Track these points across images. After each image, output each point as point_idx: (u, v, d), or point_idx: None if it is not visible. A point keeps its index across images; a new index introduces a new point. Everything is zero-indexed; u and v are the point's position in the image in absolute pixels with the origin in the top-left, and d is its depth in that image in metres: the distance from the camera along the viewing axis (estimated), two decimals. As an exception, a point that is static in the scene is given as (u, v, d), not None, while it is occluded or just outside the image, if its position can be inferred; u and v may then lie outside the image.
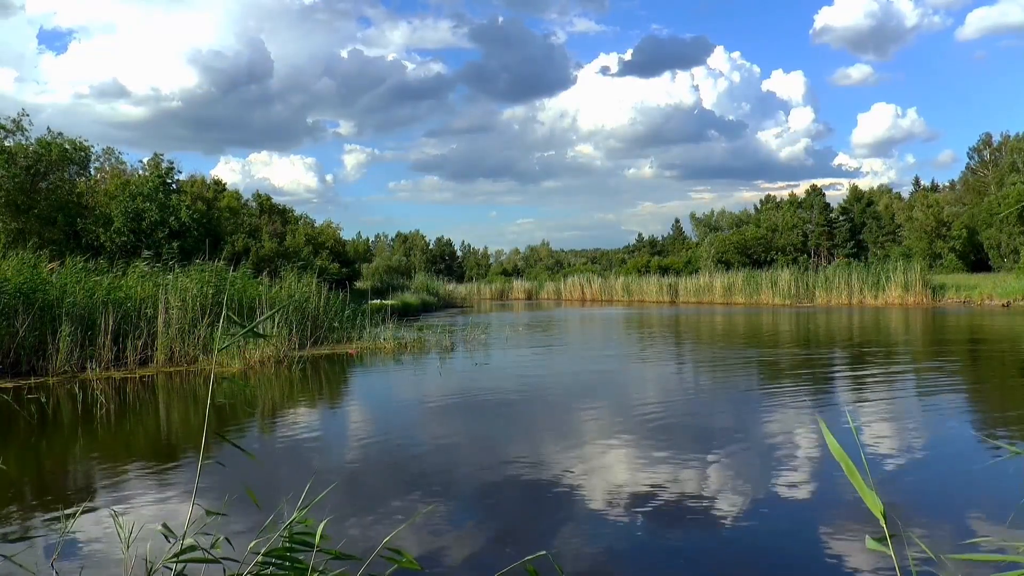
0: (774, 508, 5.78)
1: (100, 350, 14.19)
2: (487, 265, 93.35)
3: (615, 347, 20.42)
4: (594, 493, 6.20)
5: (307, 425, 9.67)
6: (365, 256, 62.15)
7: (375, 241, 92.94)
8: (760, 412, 9.83)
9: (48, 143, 23.90)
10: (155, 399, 11.85)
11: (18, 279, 14.07)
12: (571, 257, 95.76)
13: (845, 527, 5.32)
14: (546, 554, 2.42)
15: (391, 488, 6.57)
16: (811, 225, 63.51)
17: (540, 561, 2.32)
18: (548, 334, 25.14)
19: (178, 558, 2.03)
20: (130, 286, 16.08)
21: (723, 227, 72.91)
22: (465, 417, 10.09)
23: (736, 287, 44.53)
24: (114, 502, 6.06)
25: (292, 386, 13.09)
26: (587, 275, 61.01)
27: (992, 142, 57.24)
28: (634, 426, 8.95)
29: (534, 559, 2.23)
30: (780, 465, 6.94)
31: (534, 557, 2.26)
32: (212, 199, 31.80)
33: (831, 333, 22.79)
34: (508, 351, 18.50)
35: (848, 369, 14.26)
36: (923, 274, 37.76)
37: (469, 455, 7.95)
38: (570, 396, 11.61)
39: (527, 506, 6.02)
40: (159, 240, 24.72)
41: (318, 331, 18.91)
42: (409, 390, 12.84)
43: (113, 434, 9.24)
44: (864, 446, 7.80)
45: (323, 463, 7.48)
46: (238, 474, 6.22)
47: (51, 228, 23.66)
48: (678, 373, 14.54)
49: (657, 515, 5.65)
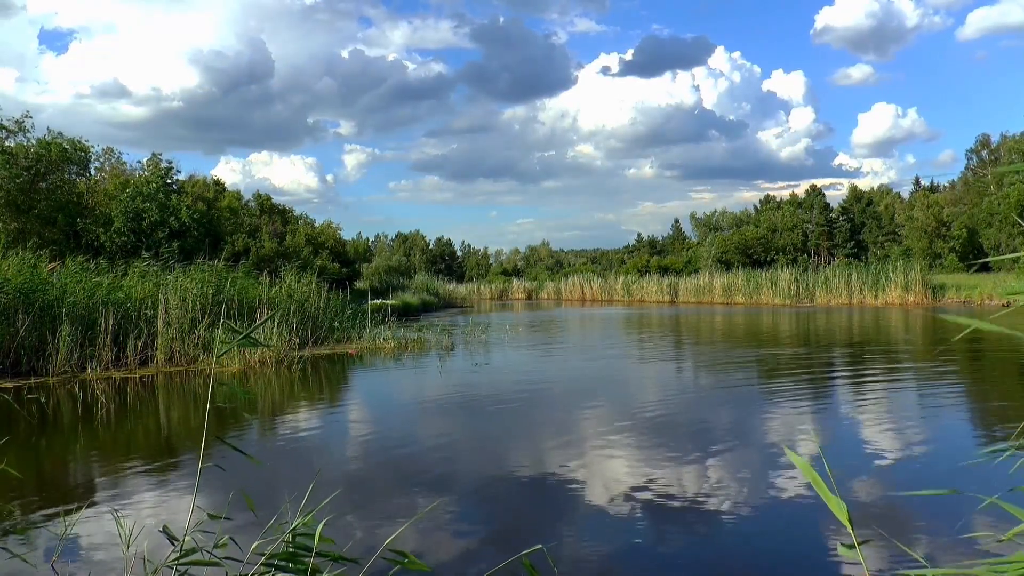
0: (772, 507, 5.78)
1: (100, 350, 14.18)
2: (487, 265, 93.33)
3: (615, 347, 20.42)
4: (595, 492, 6.20)
5: (307, 425, 9.67)
6: (365, 256, 62.16)
7: (375, 241, 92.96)
8: (759, 412, 9.83)
9: (48, 143, 23.91)
10: (155, 399, 11.85)
11: (18, 279, 14.08)
12: (571, 257, 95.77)
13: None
14: (542, 547, 2.42)
15: (392, 488, 6.57)
16: (811, 225, 63.52)
17: (535, 555, 2.32)
18: (548, 334, 25.14)
19: (178, 561, 2.02)
20: (130, 286, 16.08)
21: (723, 227, 72.91)
22: (466, 417, 10.09)
23: (736, 287, 44.53)
24: (114, 502, 6.06)
25: (292, 386, 13.08)
26: (587, 275, 61.00)
27: (990, 143, 57.27)
28: (634, 425, 8.95)
29: (530, 553, 2.23)
30: (778, 465, 6.93)
31: (530, 551, 2.26)
32: (212, 199, 31.80)
33: (831, 333, 22.78)
34: (508, 351, 18.50)
35: (847, 369, 14.26)
36: (923, 274, 37.78)
37: (470, 455, 7.95)
38: (570, 395, 11.61)
39: (528, 505, 6.02)
40: (159, 240, 24.72)
41: (318, 331, 18.91)
42: (409, 390, 12.83)
43: (113, 434, 9.24)
44: (864, 444, 7.80)
45: (324, 463, 7.47)
46: (239, 474, 6.21)
47: (51, 228, 23.66)
48: (677, 372, 14.54)
49: (658, 514, 5.65)
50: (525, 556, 2.22)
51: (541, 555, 2.45)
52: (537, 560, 2.31)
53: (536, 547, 2.36)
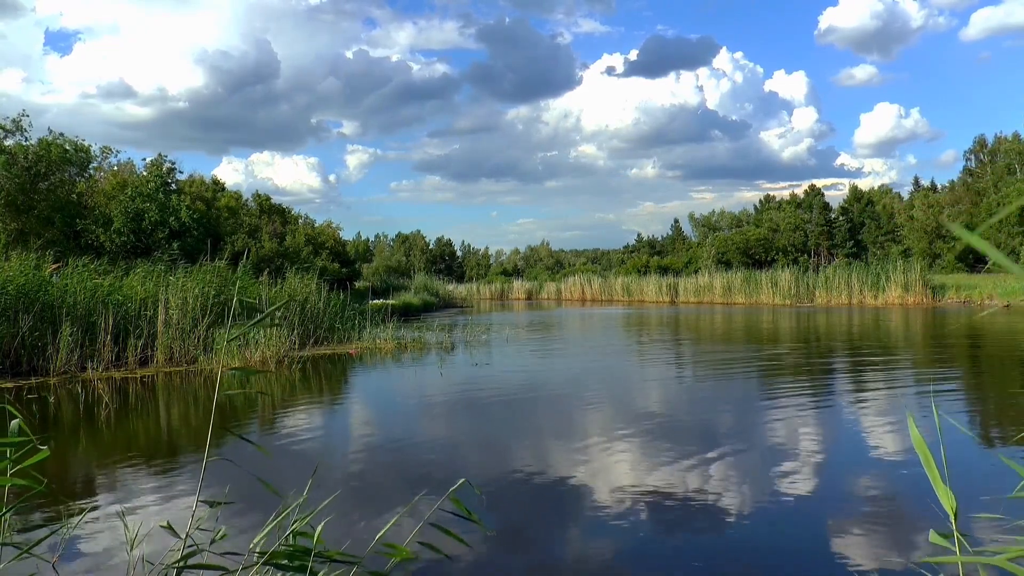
0: (778, 507, 5.78)
1: (100, 350, 14.19)
2: (487, 265, 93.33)
3: (616, 346, 20.42)
4: (596, 491, 6.21)
5: (308, 425, 9.67)
6: (365, 256, 62.17)
7: (375, 241, 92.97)
8: (762, 411, 9.83)
9: (49, 143, 23.90)
10: (155, 399, 11.85)
11: (20, 279, 14.09)
12: (571, 257, 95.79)
13: (849, 526, 5.33)
14: (465, 480, 2.56)
15: (393, 487, 6.57)
16: (811, 225, 63.52)
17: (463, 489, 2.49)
18: (548, 334, 25.14)
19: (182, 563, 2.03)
20: (131, 286, 16.09)
21: (722, 227, 72.91)
22: (466, 416, 10.09)
23: (736, 287, 44.52)
24: (116, 502, 6.06)
25: (293, 386, 13.09)
26: (587, 275, 60.99)
27: (987, 143, 57.23)
28: (635, 425, 8.95)
29: (457, 488, 2.40)
30: (783, 464, 6.94)
31: (456, 486, 2.43)
32: (211, 199, 31.79)
33: (831, 333, 22.78)
34: (508, 351, 18.50)
35: (848, 368, 14.26)
36: (923, 274, 37.76)
37: (470, 454, 7.96)
38: (571, 395, 11.61)
39: (529, 505, 6.02)
40: (159, 240, 24.72)
41: (318, 331, 18.92)
42: (410, 390, 12.83)
43: (114, 433, 9.25)
44: (866, 443, 7.81)
45: (324, 463, 7.48)
46: (240, 474, 6.21)
47: (51, 228, 23.66)
48: (678, 372, 14.54)
49: (660, 512, 5.66)
50: (452, 493, 2.40)
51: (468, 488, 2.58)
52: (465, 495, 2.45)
53: (460, 481, 2.53)
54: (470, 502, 6.22)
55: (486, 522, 5.69)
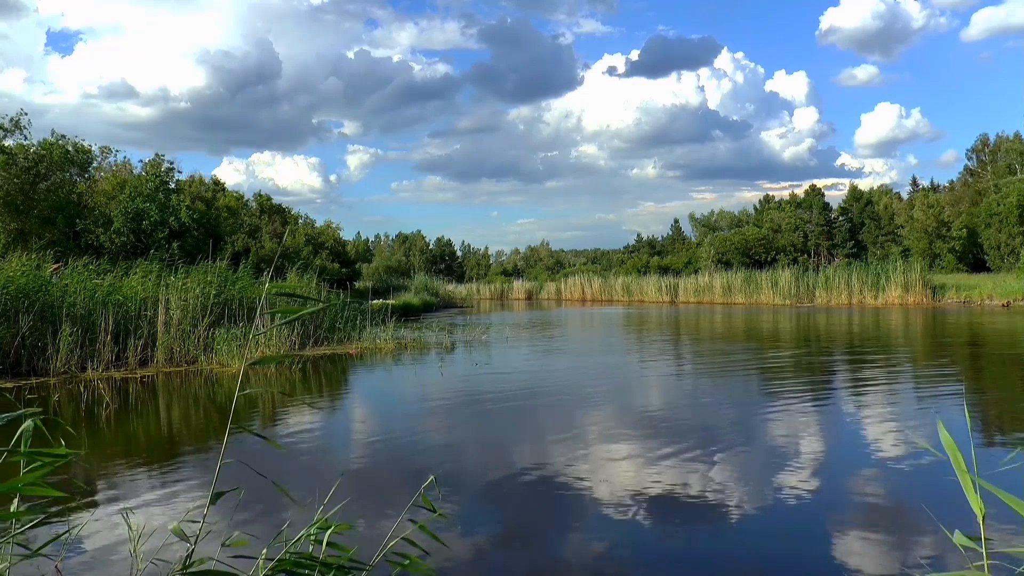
0: (778, 507, 5.78)
1: (100, 350, 14.19)
2: (487, 265, 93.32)
3: (616, 346, 20.42)
4: (596, 491, 6.20)
5: (308, 425, 9.67)
6: (365, 256, 62.14)
7: (375, 241, 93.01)
8: (763, 411, 9.83)
9: (50, 144, 23.89)
10: (156, 399, 11.85)
11: (21, 280, 14.08)
12: (571, 257, 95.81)
13: (850, 527, 5.33)
14: (433, 479, 2.61)
15: (394, 488, 6.57)
16: (811, 225, 63.51)
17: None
18: (549, 334, 25.14)
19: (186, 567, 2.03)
20: (131, 286, 16.08)
21: (722, 227, 72.90)
22: (467, 416, 10.09)
23: (736, 287, 44.53)
24: (117, 501, 6.06)
25: (293, 386, 13.08)
26: (587, 275, 60.98)
27: (989, 143, 57.26)
28: (636, 425, 8.95)
29: (427, 486, 2.47)
30: (783, 465, 6.93)
31: (427, 484, 2.49)
32: (211, 199, 31.80)
33: (831, 333, 22.78)
34: (509, 351, 18.50)
35: (849, 368, 14.26)
36: (923, 274, 37.76)
37: (471, 454, 7.96)
38: (571, 395, 11.60)
39: (530, 505, 6.02)
40: (159, 240, 24.71)
41: (318, 331, 18.91)
42: (410, 390, 12.83)
43: (114, 433, 9.24)
44: (865, 442, 7.81)
45: (324, 463, 7.48)
46: (244, 474, 6.21)
47: (51, 228, 23.65)
48: (679, 371, 14.54)
49: (661, 512, 5.66)
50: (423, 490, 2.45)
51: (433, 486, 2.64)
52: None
53: (429, 478, 2.58)
54: (470, 502, 6.22)
55: (486, 522, 5.69)
